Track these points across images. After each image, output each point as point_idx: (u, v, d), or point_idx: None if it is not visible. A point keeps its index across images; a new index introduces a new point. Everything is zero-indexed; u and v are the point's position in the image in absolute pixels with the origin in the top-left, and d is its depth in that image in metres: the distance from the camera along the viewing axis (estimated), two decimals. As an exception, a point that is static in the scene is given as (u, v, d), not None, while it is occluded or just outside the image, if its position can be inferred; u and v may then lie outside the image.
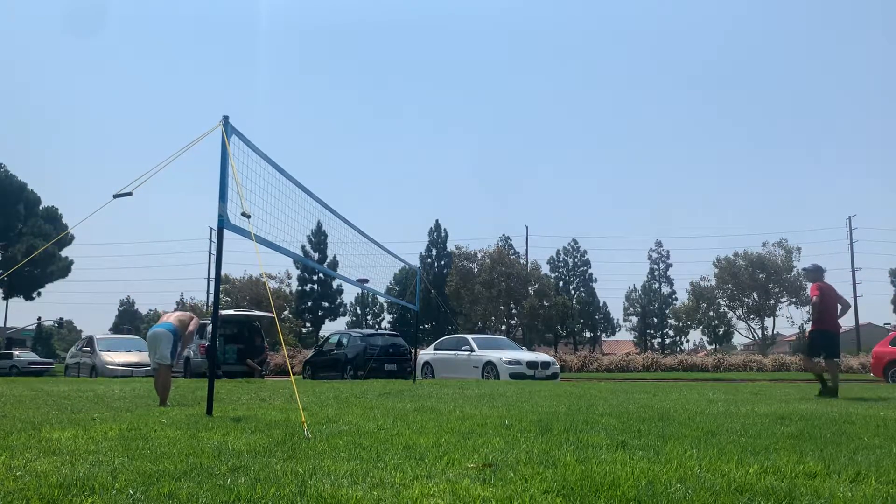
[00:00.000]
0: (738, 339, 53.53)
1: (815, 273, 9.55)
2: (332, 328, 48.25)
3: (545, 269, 48.18)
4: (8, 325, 48.27)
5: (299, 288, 48.56)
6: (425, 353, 19.73)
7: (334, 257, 43.05)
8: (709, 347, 47.35)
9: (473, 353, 17.85)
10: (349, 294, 51.99)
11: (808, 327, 10.24)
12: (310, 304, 48.08)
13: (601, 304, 50.66)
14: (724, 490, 2.64)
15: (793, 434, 4.52)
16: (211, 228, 47.92)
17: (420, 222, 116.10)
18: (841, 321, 9.58)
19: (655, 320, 49.20)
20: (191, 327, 7.99)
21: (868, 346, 29.14)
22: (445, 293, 44.11)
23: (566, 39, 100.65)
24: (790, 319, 53.24)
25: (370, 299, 52.35)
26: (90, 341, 22.30)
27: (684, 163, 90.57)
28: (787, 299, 45.10)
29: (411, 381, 14.13)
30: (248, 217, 5.95)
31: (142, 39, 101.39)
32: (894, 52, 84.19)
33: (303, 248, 42.28)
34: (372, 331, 24.01)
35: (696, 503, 2.50)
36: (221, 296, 36.83)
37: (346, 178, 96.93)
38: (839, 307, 9.43)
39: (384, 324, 51.87)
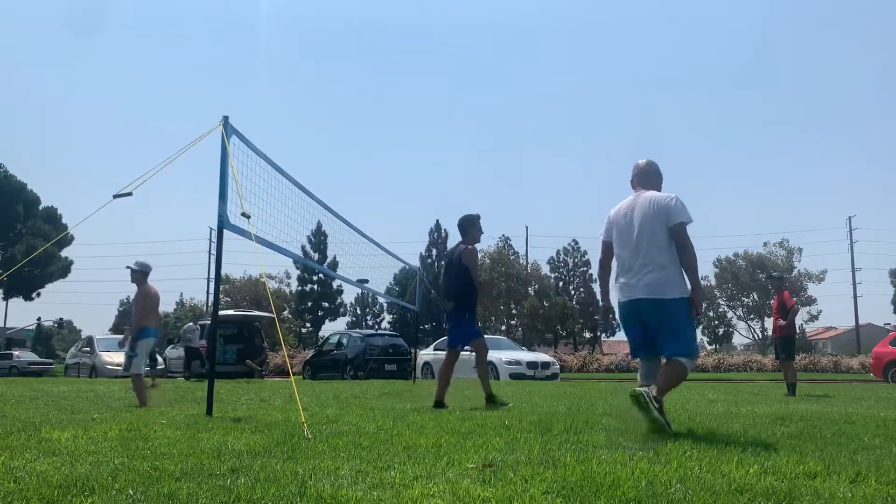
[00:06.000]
0: (738, 340, 53.55)
1: (784, 282, 11.19)
2: (332, 328, 48.22)
3: (545, 269, 48.17)
4: (8, 326, 48.25)
5: (299, 288, 48.51)
6: (425, 354, 19.71)
7: (334, 257, 42.99)
8: (709, 347, 47.33)
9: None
10: (349, 294, 51.96)
11: (772, 332, 11.26)
12: (310, 304, 48.03)
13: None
14: (724, 490, 2.64)
15: (793, 434, 4.52)
16: (211, 228, 47.89)
17: (420, 222, 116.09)
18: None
19: (656, 321, 49.10)
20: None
21: (868, 347, 29.15)
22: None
23: (566, 39, 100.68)
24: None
25: (370, 299, 52.30)
26: (90, 341, 22.32)
27: (684, 163, 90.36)
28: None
29: (411, 382, 14.12)
30: (248, 217, 5.94)
31: (142, 39, 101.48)
32: (894, 52, 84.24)
33: (303, 248, 42.23)
34: (372, 331, 24.00)
35: (697, 503, 2.50)
36: (221, 296, 36.77)
37: (346, 178, 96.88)
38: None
39: (384, 324, 51.83)
